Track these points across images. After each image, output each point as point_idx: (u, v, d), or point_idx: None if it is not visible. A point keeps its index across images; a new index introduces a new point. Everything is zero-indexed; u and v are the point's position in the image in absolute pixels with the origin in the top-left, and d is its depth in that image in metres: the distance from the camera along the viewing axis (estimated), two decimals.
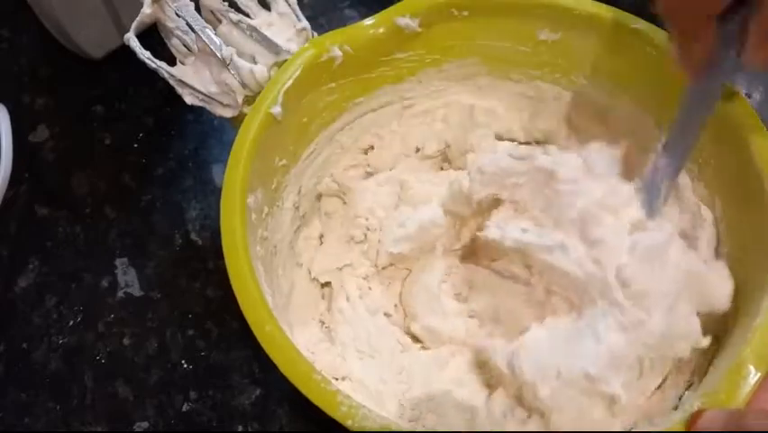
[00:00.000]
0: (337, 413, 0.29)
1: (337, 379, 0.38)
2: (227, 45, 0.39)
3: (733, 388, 0.28)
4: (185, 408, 0.42)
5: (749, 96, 0.50)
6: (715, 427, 0.27)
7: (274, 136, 0.38)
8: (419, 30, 0.41)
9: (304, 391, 0.30)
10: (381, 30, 0.40)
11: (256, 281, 0.33)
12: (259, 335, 0.31)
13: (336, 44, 0.39)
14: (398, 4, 0.41)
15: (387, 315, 0.42)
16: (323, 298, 0.43)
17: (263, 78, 0.39)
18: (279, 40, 0.40)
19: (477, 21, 0.42)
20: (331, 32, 0.40)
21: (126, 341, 0.44)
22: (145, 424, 0.41)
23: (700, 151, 0.38)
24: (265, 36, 0.40)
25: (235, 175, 0.35)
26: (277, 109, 0.38)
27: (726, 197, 0.37)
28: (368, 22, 0.40)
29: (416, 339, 0.41)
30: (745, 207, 0.35)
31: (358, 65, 0.41)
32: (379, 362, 0.39)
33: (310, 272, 0.43)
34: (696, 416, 0.28)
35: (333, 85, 0.41)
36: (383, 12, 0.40)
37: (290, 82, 0.38)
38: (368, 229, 0.43)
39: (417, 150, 0.47)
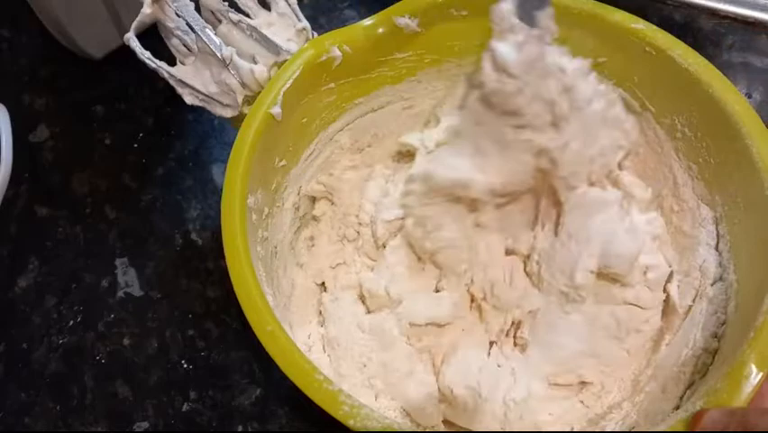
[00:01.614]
0: (339, 413, 0.29)
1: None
2: (227, 45, 0.39)
3: (735, 388, 0.28)
4: (185, 408, 0.42)
5: (749, 96, 0.50)
6: (717, 426, 0.26)
7: (274, 137, 0.38)
8: (419, 30, 0.41)
9: (306, 391, 0.30)
10: (381, 30, 0.40)
11: (257, 282, 0.33)
12: (260, 335, 0.31)
13: (336, 44, 0.39)
14: (398, 4, 0.41)
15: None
16: (321, 298, 0.43)
17: (263, 78, 0.39)
18: (279, 40, 0.40)
19: (477, 21, 0.42)
20: (331, 32, 0.40)
21: (126, 341, 0.44)
22: (145, 424, 0.41)
23: (701, 150, 0.38)
24: (265, 36, 0.40)
25: (235, 175, 0.35)
26: (277, 109, 0.37)
27: (727, 195, 0.37)
28: (367, 22, 0.40)
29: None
30: (746, 206, 0.35)
31: (357, 65, 0.41)
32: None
33: (308, 273, 0.43)
34: (698, 416, 0.27)
35: (333, 85, 0.41)
36: (383, 12, 0.40)
37: (290, 82, 0.38)
38: (360, 225, 0.43)
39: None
